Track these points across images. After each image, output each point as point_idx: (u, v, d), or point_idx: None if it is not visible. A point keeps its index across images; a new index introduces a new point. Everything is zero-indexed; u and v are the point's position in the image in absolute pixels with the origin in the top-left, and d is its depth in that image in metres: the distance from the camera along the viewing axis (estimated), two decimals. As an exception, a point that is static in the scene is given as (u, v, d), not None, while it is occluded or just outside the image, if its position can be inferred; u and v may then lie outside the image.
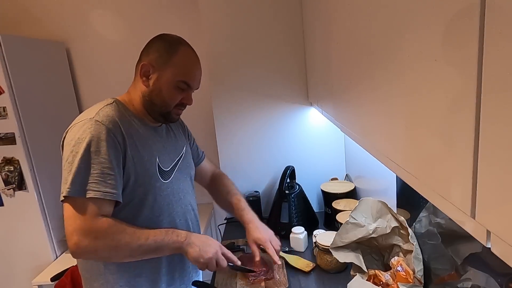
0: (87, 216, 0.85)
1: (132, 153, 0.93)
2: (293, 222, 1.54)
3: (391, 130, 0.57)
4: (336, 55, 0.94)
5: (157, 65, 0.96)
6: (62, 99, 2.13)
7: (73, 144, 0.87)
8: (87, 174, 0.86)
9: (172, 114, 1.01)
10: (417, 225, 0.97)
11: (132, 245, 0.89)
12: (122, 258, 0.93)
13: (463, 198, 0.36)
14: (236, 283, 1.22)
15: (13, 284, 1.93)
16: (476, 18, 0.31)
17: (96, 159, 0.86)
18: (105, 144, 0.87)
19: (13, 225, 1.84)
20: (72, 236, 0.85)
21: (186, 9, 2.15)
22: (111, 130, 0.89)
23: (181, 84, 0.97)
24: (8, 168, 1.76)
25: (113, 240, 0.87)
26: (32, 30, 2.18)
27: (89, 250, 0.87)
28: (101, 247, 0.87)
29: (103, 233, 0.86)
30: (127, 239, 0.88)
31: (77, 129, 0.89)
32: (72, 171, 0.85)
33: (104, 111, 0.92)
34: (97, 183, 0.86)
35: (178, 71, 0.96)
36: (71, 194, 0.85)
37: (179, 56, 0.97)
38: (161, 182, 1.00)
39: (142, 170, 0.95)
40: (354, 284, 0.91)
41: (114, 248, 0.88)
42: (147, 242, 0.90)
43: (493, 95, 0.31)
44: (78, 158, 0.85)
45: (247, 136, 1.75)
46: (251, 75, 1.68)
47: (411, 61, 0.46)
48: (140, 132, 0.98)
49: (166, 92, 0.97)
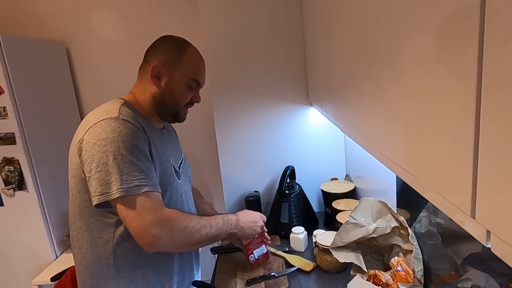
0: (156, 209, 0.86)
1: (154, 151, 0.94)
2: (293, 222, 1.54)
3: (391, 130, 0.57)
4: (337, 55, 0.94)
5: (168, 66, 0.99)
6: (62, 99, 2.13)
7: (103, 145, 0.84)
8: (133, 170, 0.85)
9: (181, 114, 1.05)
10: (417, 225, 0.97)
11: (202, 232, 0.94)
12: (193, 246, 0.96)
13: (463, 198, 0.36)
14: (236, 283, 1.22)
15: (13, 284, 1.93)
16: (476, 18, 0.31)
17: (136, 155, 0.86)
18: (139, 142, 0.88)
19: (13, 225, 1.84)
20: (148, 230, 0.84)
21: (186, 9, 2.15)
22: (139, 128, 0.91)
23: (191, 83, 1.01)
24: (8, 168, 1.76)
25: (186, 228, 0.90)
26: (32, 30, 2.18)
27: (167, 240, 0.88)
28: (177, 235, 0.89)
29: (177, 222, 0.89)
30: (197, 226, 0.93)
31: (102, 129, 0.86)
32: (114, 171, 0.83)
33: (124, 110, 0.92)
34: (144, 178, 0.86)
35: (189, 70, 1.00)
36: (126, 193, 0.84)
37: (188, 56, 1.00)
38: (177, 182, 1.03)
39: (163, 168, 0.97)
40: (354, 284, 0.91)
41: (188, 235, 0.91)
42: (211, 230, 0.96)
43: (493, 95, 0.31)
44: (117, 158, 0.84)
45: (247, 136, 1.75)
46: (251, 75, 1.68)
47: (411, 60, 0.46)
48: (154, 132, 1.00)
49: (178, 92, 1.00)
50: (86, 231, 0.92)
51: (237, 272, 1.29)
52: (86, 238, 0.93)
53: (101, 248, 0.92)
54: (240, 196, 1.77)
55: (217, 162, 1.77)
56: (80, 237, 0.94)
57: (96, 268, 0.93)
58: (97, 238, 0.92)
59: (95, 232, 0.91)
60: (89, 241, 0.92)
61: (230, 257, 1.40)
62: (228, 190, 1.79)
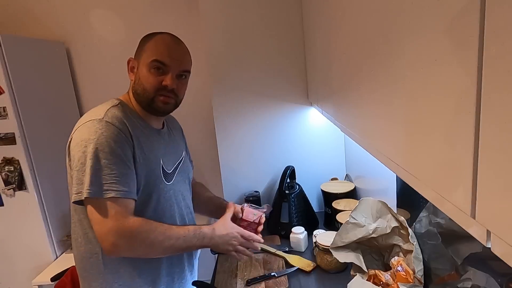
0: (118, 216, 0.86)
1: (139, 153, 0.93)
2: (293, 222, 1.54)
3: (391, 130, 0.57)
4: (336, 55, 0.94)
5: (136, 56, 0.99)
6: (62, 99, 2.13)
7: (84, 145, 0.86)
8: (105, 174, 0.86)
9: (157, 102, 0.97)
10: (417, 225, 0.97)
11: (165, 244, 0.91)
12: (155, 255, 0.96)
13: (463, 198, 0.36)
14: (236, 283, 1.22)
15: (13, 284, 1.92)
16: (476, 18, 0.31)
17: (112, 159, 0.86)
18: (118, 144, 0.88)
19: (13, 225, 1.84)
20: (108, 237, 0.86)
21: (186, 9, 2.14)
22: (122, 130, 0.90)
23: (155, 64, 0.95)
24: (8, 168, 1.76)
25: (148, 239, 0.89)
26: (32, 30, 2.18)
27: (126, 249, 0.89)
28: (137, 246, 0.89)
29: (137, 232, 0.88)
30: (160, 237, 0.90)
31: (86, 130, 0.88)
32: (87, 172, 0.85)
33: (112, 112, 0.93)
34: (116, 182, 0.86)
35: (150, 53, 0.96)
36: (91, 195, 0.85)
37: (152, 41, 0.98)
38: (164, 184, 1.01)
39: (148, 171, 0.95)
40: (354, 284, 0.91)
41: (149, 246, 0.90)
42: (177, 242, 0.93)
43: (493, 95, 0.31)
44: (92, 159, 0.85)
45: (247, 136, 1.75)
46: (251, 75, 1.68)
47: (411, 60, 0.46)
48: (145, 134, 0.99)
49: (143, 77, 0.96)
50: (79, 226, 0.96)
51: (237, 272, 1.29)
52: (80, 232, 0.96)
53: (92, 243, 0.94)
54: (240, 196, 1.77)
55: (217, 162, 1.77)
56: (76, 231, 0.97)
57: (88, 261, 0.97)
58: (88, 233, 0.94)
59: (87, 227, 0.94)
60: (82, 235, 0.95)
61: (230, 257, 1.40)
62: (228, 190, 1.79)
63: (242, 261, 1.12)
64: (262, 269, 1.29)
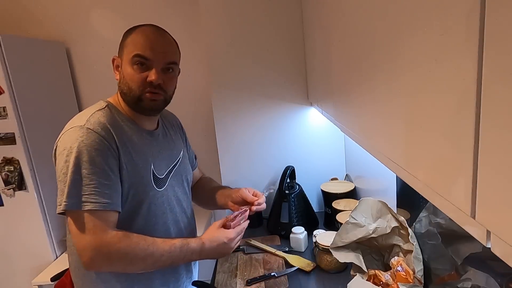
0: (96, 230, 0.82)
1: (126, 160, 0.89)
2: (293, 222, 1.54)
3: (391, 130, 0.57)
4: (336, 55, 0.94)
5: (119, 53, 0.94)
6: (62, 99, 2.13)
7: (66, 154, 0.83)
8: (84, 184, 0.82)
9: (144, 99, 0.91)
10: (417, 225, 0.97)
11: (147, 261, 0.87)
12: (138, 271, 0.91)
13: (463, 198, 0.36)
14: (236, 283, 1.22)
15: (13, 284, 1.93)
16: (476, 18, 0.31)
17: (92, 168, 0.82)
18: (98, 153, 0.83)
19: (13, 225, 1.84)
20: (85, 252, 0.82)
21: (187, 10, 2.14)
22: (104, 137, 0.85)
23: (136, 60, 0.89)
24: (8, 168, 1.76)
25: (127, 255, 0.84)
26: (32, 30, 2.18)
27: (104, 265, 0.85)
28: (115, 262, 0.85)
29: (116, 248, 0.83)
30: (141, 254, 0.85)
31: (68, 138, 0.85)
32: (67, 183, 0.81)
33: (95, 117, 0.88)
34: (95, 194, 0.82)
35: (131, 48, 0.90)
36: (68, 208, 0.81)
37: (133, 35, 0.92)
38: (155, 191, 0.96)
39: (137, 178, 0.91)
40: (354, 284, 0.91)
41: (129, 263, 0.86)
42: (161, 259, 0.88)
43: (494, 95, 0.31)
44: (72, 169, 0.81)
45: (247, 136, 1.75)
46: (251, 75, 1.68)
47: (411, 61, 0.46)
48: (134, 138, 0.93)
49: (127, 75, 0.90)
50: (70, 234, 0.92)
51: (237, 272, 1.29)
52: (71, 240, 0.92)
53: None
54: (240, 196, 1.76)
55: (217, 162, 1.77)
56: (69, 238, 0.94)
57: (80, 270, 0.94)
58: None
59: None
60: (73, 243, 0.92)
61: (230, 257, 1.40)
62: (228, 190, 1.78)
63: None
64: (262, 269, 1.29)
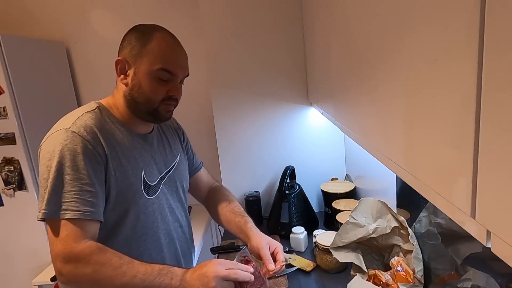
0: (68, 240, 0.76)
1: (114, 166, 0.84)
2: (293, 222, 1.54)
3: (391, 130, 0.57)
4: (336, 55, 0.94)
5: (131, 58, 0.86)
6: (62, 99, 2.13)
7: (48, 158, 0.79)
8: (65, 191, 0.78)
9: (161, 111, 0.89)
10: (417, 225, 0.97)
11: (115, 282, 0.77)
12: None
13: (463, 198, 0.36)
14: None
15: (13, 284, 1.92)
16: (476, 18, 0.31)
17: (73, 174, 0.78)
18: (82, 158, 0.79)
19: (13, 225, 1.84)
20: (56, 261, 0.77)
21: (186, 10, 2.14)
22: (89, 142, 0.80)
23: (161, 74, 0.86)
24: (8, 168, 1.76)
25: (94, 272, 0.77)
26: (32, 30, 2.18)
27: (71, 279, 0.78)
28: (82, 277, 0.77)
29: (85, 261, 0.76)
30: (110, 273, 0.77)
31: (52, 141, 0.81)
32: (47, 189, 0.78)
33: (82, 120, 0.83)
34: (76, 201, 0.77)
35: (155, 59, 0.85)
36: (47, 216, 0.78)
37: (154, 42, 0.86)
38: (145, 199, 0.90)
39: (125, 185, 0.86)
40: (354, 284, 0.91)
41: (95, 281, 0.77)
42: (133, 281, 0.77)
43: (494, 95, 0.31)
44: (53, 175, 0.77)
45: (247, 136, 1.75)
46: (251, 75, 1.68)
47: (411, 61, 0.46)
48: (125, 142, 0.89)
49: (146, 86, 0.85)
50: None
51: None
52: None
53: None
54: (240, 196, 1.77)
55: (217, 162, 1.77)
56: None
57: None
58: None
59: None
60: None
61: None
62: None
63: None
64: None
